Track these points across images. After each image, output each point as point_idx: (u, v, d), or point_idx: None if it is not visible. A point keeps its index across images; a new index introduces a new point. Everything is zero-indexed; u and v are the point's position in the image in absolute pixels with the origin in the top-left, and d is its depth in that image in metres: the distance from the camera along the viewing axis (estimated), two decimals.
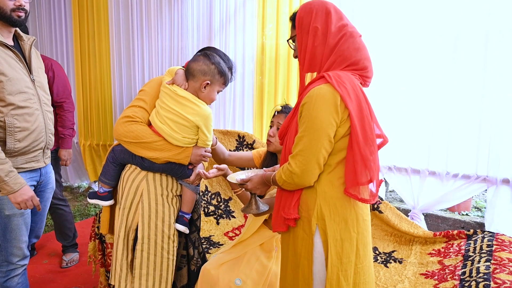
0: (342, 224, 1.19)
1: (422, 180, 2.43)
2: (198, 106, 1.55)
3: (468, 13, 2.22)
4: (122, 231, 1.64)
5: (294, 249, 1.25)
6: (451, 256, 1.76)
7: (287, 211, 1.23)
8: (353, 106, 1.15)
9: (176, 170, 1.64)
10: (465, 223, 2.78)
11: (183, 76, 1.59)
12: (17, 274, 1.77)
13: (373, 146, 1.16)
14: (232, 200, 2.55)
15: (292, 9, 2.76)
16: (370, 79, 1.26)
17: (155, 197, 1.62)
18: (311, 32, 1.21)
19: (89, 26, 3.71)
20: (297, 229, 1.23)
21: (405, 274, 1.79)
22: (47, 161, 1.83)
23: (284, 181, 1.20)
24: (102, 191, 1.72)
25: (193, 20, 3.28)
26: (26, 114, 1.65)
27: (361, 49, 1.22)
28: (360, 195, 1.17)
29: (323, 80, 1.18)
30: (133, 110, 1.59)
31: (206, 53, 1.61)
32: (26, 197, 1.61)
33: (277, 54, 2.87)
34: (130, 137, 1.55)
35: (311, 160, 1.15)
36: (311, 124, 1.15)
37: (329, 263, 1.17)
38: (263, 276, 1.70)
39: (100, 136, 3.86)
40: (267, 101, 2.97)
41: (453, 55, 2.28)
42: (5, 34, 1.67)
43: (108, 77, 3.72)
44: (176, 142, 1.57)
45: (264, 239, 1.85)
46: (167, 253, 1.64)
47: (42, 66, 1.86)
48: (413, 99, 2.41)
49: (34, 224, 1.91)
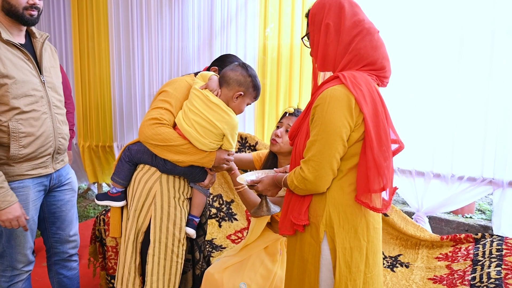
0: (351, 232, 1.15)
1: (426, 182, 2.40)
2: (228, 114, 1.54)
3: (473, 13, 2.20)
4: (132, 234, 1.61)
5: (300, 254, 1.21)
6: (459, 260, 1.73)
7: (296, 216, 1.19)
8: (368, 110, 1.11)
9: (195, 174, 1.63)
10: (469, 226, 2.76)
11: (217, 83, 1.58)
12: (21, 279, 1.73)
13: (387, 152, 1.12)
14: (234, 202, 2.51)
15: (294, 9, 2.73)
16: (388, 78, 1.22)
17: (167, 199, 1.60)
18: (323, 29, 1.17)
19: (88, 26, 3.67)
20: (304, 234, 1.20)
21: (412, 278, 1.76)
22: (57, 166, 1.75)
23: (296, 186, 1.16)
24: (115, 191, 1.67)
25: (193, 20, 3.24)
26: (32, 119, 1.59)
27: (379, 48, 1.17)
28: (371, 203, 1.13)
29: (338, 80, 1.13)
30: (159, 112, 1.55)
31: (245, 64, 1.61)
32: (11, 216, 1.52)
33: (279, 55, 2.84)
34: (157, 140, 1.52)
35: (325, 165, 1.11)
36: (324, 128, 1.10)
37: (337, 272, 1.13)
38: (268, 280, 1.67)
39: (100, 137, 3.82)
40: (268, 103, 2.94)
41: (458, 56, 2.25)
42: (16, 33, 1.60)
43: (107, 78, 3.68)
44: (201, 146, 1.56)
45: (268, 242, 1.83)
46: (176, 256, 1.62)
47: (55, 64, 1.78)
48: (417, 100, 2.39)
49: (61, 231, 1.84)
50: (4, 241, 1.67)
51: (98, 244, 2.29)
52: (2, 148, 1.56)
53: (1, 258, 1.71)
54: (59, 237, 1.85)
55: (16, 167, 1.59)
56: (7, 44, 1.55)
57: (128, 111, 3.69)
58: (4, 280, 1.70)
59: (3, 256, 1.70)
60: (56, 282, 1.93)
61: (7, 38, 1.54)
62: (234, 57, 1.76)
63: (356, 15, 1.17)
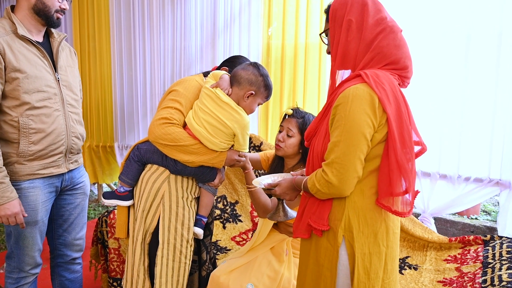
0: (371, 237, 1.11)
1: (432, 183, 2.38)
2: (238, 113, 1.52)
3: (480, 13, 2.18)
4: (140, 235, 1.59)
5: (316, 258, 1.18)
6: (469, 262, 1.71)
7: (316, 220, 1.15)
8: (392, 110, 1.07)
9: (206, 174, 1.60)
10: (474, 227, 2.74)
11: (228, 82, 1.57)
12: (27, 282, 1.71)
13: (410, 154, 1.08)
14: (238, 203, 2.49)
15: (299, 8, 2.71)
16: (409, 79, 1.18)
17: (176, 199, 1.58)
18: (345, 26, 1.13)
19: (89, 25, 3.63)
20: (320, 239, 1.16)
21: (421, 281, 1.73)
22: (71, 166, 1.73)
23: (318, 189, 1.12)
24: (123, 190, 1.65)
25: (196, 19, 3.21)
26: (43, 115, 1.57)
27: (402, 47, 1.14)
28: (393, 207, 1.09)
29: (360, 79, 1.10)
30: (169, 112, 1.53)
31: (257, 64, 1.59)
32: (9, 212, 1.50)
33: (283, 55, 2.81)
34: (167, 140, 1.50)
35: (349, 168, 1.07)
36: (348, 128, 1.06)
37: (356, 278, 1.10)
38: (275, 281, 1.64)
39: (100, 137, 3.79)
40: (272, 103, 2.92)
41: (465, 55, 2.23)
42: (35, 31, 1.61)
43: (108, 77, 3.65)
44: (212, 146, 1.53)
45: (274, 242, 1.81)
46: (184, 257, 1.60)
47: (73, 64, 1.79)
48: (423, 100, 2.36)
49: (67, 234, 1.81)
50: (13, 242, 1.65)
51: (100, 246, 2.26)
52: (12, 144, 1.54)
53: (9, 259, 1.69)
54: (65, 239, 1.82)
55: (27, 166, 1.57)
56: (23, 39, 1.55)
57: (130, 111, 3.66)
58: (11, 282, 1.68)
59: (11, 258, 1.68)
60: (58, 284, 1.91)
61: (23, 34, 1.54)
62: (244, 58, 1.75)
63: (379, 12, 1.14)
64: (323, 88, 2.69)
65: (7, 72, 1.49)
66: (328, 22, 1.21)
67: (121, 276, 2.21)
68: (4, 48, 1.48)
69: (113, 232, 2.17)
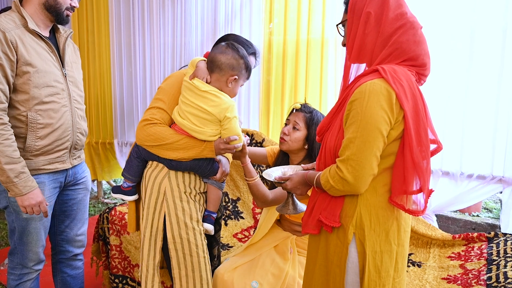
0: (382, 236, 1.10)
1: (435, 180, 2.37)
2: (218, 97, 1.47)
3: (484, 9, 2.17)
4: (147, 232, 1.58)
5: (325, 255, 1.17)
6: (473, 260, 1.70)
7: (327, 217, 1.13)
8: (409, 106, 1.05)
9: (204, 168, 1.57)
10: (476, 224, 2.74)
11: (204, 70, 1.51)
12: (30, 279, 1.70)
13: (426, 152, 1.06)
14: (240, 200, 2.47)
15: (301, 4, 2.69)
16: (426, 77, 1.17)
17: (179, 194, 1.55)
18: (363, 18, 1.11)
19: (88, 20, 3.60)
20: (330, 235, 1.15)
21: (425, 278, 1.73)
22: (74, 161, 1.74)
23: (331, 186, 1.09)
24: (126, 185, 1.65)
25: (197, 15, 3.19)
26: (51, 110, 1.57)
27: (422, 43, 1.12)
28: (407, 205, 1.07)
29: (377, 74, 1.07)
30: (151, 112, 1.54)
31: (234, 45, 1.52)
32: (33, 201, 1.52)
33: (285, 51, 2.79)
34: (151, 141, 1.50)
35: (365, 165, 1.04)
36: (364, 124, 1.04)
37: (366, 277, 1.09)
38: (280, 279, 1.63)
39: (100, 134, 3.76)
40: (273, 99, 2.90)
41: (468, 51, 2.21)
42: (43, 26, 1.61)
43: (108, 74, 3.62)
44: (201, 136, 1.50)
45: (278, 240, 1.79)
46: (202, 251, 1.56)
47: (77, 61, 1.79)
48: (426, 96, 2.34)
49: (69, 230, 1.81)
50: (16, 238, 1.64)
51: (101, 243, 2.24)
52: (18, 139, 1.53)
53: (12, 255, 1.69)
54: (67, 235, 1.82)
55: (33, 161, 1.57)
56: (32, 33, 1.55)
57: (129, 107, 3.63)
58: (13, 278, 1.68)
59: (14, 254, 1.67)
60: (60, 281, 1.90)
61: (33, 28, 1.54)
62: (233, 36, 1.70)
63: (400, 7, 1.12)
64: (325, 84, 2.68)
65: (18, 65, 1.49)
66: (346, 13, 1.19)
67: (122, 273, 2.20)
68: (16, 41, 1.48)
69: (114, 229, 2.16)
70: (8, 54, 1.46)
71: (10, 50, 1.46)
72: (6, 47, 1.45)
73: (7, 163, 1.45)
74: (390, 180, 1.10)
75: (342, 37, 1.23)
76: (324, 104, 2.69)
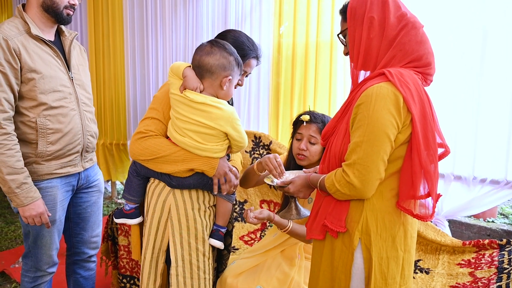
0: (389, 241, 1.07)
1: (447, 185, 2.31)
2: (219, 108, 1.33)
3: (496, 8, 2.10)
4: (148, 253, 1.48)
5: (329, 260, 1.15)
6: (483, 267, 1.65)
7: (333, 221, 1.11)
8: (417, 110, 1.03)
9: (210, 184, 1.44)
10: (491, 230, 2.65)
11: (194, 78, 1.35)
12: (44, 281, 1.71)
13: (434, 156, 1.04)
14: (247, 202, 2.47)
15: (310, 7, 2.67)
16: (432, 76, 1.14)
17: (184, 212, 1.44)
18: (366, 23, 1.09)
19: (103, 25, 3.68)
20: (335, 240, 1.13)
21: (433, 285, 1.69)
22: (86, 164, 1.73)
23: (337, 190, 1.07)
24: (128, 208, 1.56)
25: (208, 18, 3.21)
26: (60, 115, 1.57)
27: (424, 42, 1.10)
28: (415, 211, 1.05)
29: (383, 77, 1.05)
30: (145, 124, 1.43)
31: (218, 42, 1.36)
32: (34, 213, 1.51)
33: (294, 54, 2.78)
34: (146, 155, 1.38)
35: (372, 169, 1.03)
36: (371, 128, 1.02)
37: (372, 283, 1.07)
38: (285, 284, 1.62)
39: (114, 135, 3.83)
40: (283, 102, 2.89)
41: (480, 51, 2.16)
42: (47, 29, 1.60)
43: (122, 76, 3.69)
44: (205, 153, 1.37)
45: (285, 245, 1.77)
46: (203, 273, 1.46)
47: (84, 63, 1.77)
48: (438, 99, 2.28)
49: (84, 232, 1.82)
50: (31, 241, 1.65)
51: (110, 243, 2.28)
52: (30, 145, 1.54)
53: (26, 259, 1.70)
54: (82, 237, 1.83)
55: (45, 166, 1.57)
56: (36, 39, 1.54)
57: (142, 109, 3.69)
58: (27, 281, 1.69)
59: (28, 257, 1.69)
60: (73, 282, 1.92)
61: (36, 33, 1.53)
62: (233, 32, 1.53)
63: (400, 9, 1.11)
64: (334, 86, 2.65)
65: (23, 72, 1.48)
66: (345, 22, 1.17)
67: (130, 273, 2.23)
68: (19, 49, 1.46)
69: (123, 229, 2.19)
70: (11, 62, 1.45)
71: (13, 58, 1.45)
72: (9, 55, 1.44)
73: (9, 173, 1.44)
74: (397, 185, 1.08)
75: (344, 46, 1.22)
76: (333, 107, 2.66)
